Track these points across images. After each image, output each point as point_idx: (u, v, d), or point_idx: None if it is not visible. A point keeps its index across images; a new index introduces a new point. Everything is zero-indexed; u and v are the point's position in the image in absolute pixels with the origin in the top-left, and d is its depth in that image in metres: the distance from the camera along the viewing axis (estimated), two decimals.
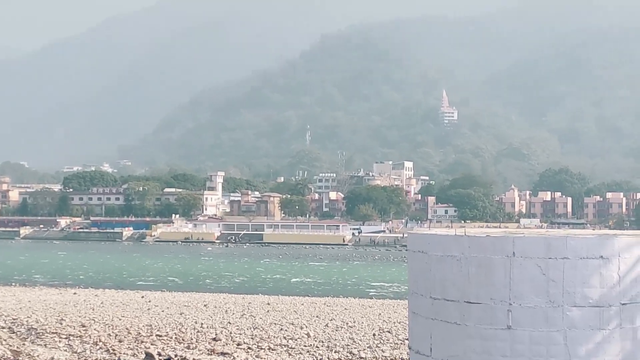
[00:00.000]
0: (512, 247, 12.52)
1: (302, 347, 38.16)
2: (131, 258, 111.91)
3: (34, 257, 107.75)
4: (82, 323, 43.37)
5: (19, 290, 62.95)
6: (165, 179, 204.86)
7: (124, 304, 53.68)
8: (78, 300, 55.86)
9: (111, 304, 54.10)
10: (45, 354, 34.06)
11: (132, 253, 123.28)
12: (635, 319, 12.06)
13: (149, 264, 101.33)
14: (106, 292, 62.50)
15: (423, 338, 13.68)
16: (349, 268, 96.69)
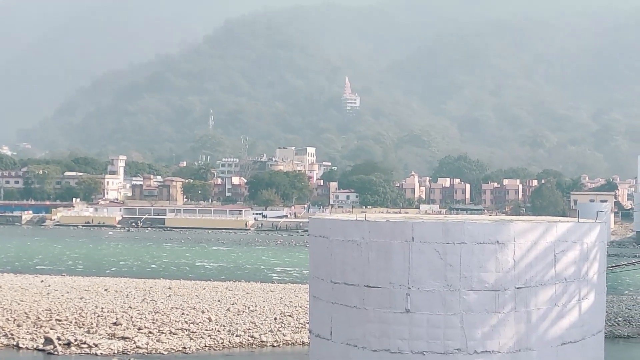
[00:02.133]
0: (411, 232, 12.93)
1: (204, 331, 40.06)
2: (30, 242, 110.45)
3: None
4: None
5: None
6: (66, 163, 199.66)
7: (23, 288, 53.65)
8: None
9: (10, 288, 53.91)
10: None
11: (31, 237, 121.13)
12: (530, 302, 12.76)
13: (49, 248, 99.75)
14: (4, 277, 61.86)
15: (323, 322, 13.98)
16: (251, 253, 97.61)
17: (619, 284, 61.44)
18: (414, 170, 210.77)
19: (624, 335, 40.50)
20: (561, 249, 13.26)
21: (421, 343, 12.79)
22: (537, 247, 13.16)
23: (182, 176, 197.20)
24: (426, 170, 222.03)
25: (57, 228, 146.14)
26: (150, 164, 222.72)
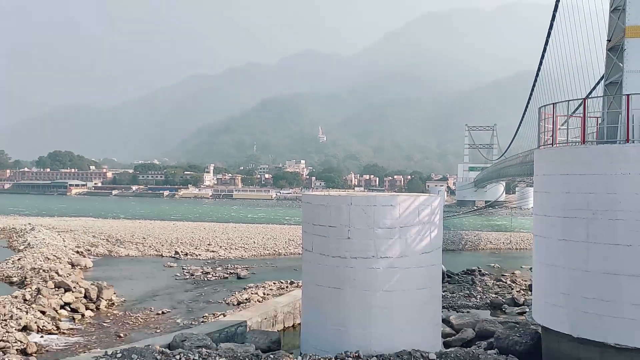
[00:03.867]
0: (350, 200, 17.35)
1: (252, 247, 52.02)
2: (168, 206, 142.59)
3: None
4: (143, 236, 58.19)
5: (109, 221, 79.08)
6: (185, 167, 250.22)
7: (163, 227, 68.91)
8: (139, 225, 72.40)
9: (158, 227, 69.14)
10: (124, 251, 48.45)
11: (169, 204, 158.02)
12: (407, 233, 17.11)
13: (176, 208, 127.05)
14: (155, 222, 78.64)
15: (309, 242, 17.83)
16: (274, 212, 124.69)
17: (451, 225, 72.66)
18: (352, 171, 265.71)
19: (450, 249, 49.92)
20: (421, 208, 17.60)
21: (355, 253, 17.04)
22: (410, 208, 17.46)
23: (240, 174, 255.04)
24: (358, 170, 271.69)
25: (181, 199, 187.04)
26: (225, 168, 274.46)
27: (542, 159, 18.15)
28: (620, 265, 15.00)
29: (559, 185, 16.73)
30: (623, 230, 15.08)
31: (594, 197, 15.63)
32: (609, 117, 17.93)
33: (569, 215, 16.14)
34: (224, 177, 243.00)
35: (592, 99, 20.71)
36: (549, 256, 16.83)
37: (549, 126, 18.22)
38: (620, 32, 18.43)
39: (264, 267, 41.19)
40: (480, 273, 38.20)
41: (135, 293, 30.78)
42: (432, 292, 17.68)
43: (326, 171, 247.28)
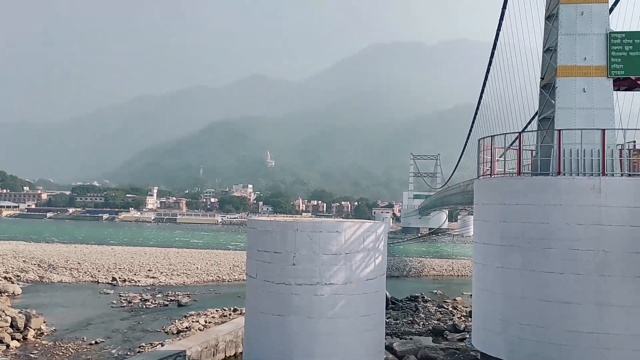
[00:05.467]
0: (296, 226, 17.19)
1: (194, 273, 50.89)
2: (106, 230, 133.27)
3: None
4: (78, 262, 55.42)
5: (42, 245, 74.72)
6: (127, 190, 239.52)
7: (101, 252, 65.76)
8: (74, 250, 68.38)
9: (94, 252, 66.02)
10: (57, 277, 45.70)
11: (107, 228, 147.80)
12: (352, 259, 17.04)
13: (115, 233, 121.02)
14: (92, 246, 75.28)
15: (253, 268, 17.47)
16: (219, 236, 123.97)
17: (395, 251, 73.96)
18: (300, 196, 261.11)
19: (394, 276, 50.33)
20: (366, 235, 17.72)
21: (300, 279, 16.91)
22: (355, 234, 17.53)
23: (186, 197, 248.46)
24: (306, 196, 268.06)
25: (121, 222, 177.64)
26: (169, 191, 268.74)
27: (481, 189, 18.85)
28: (553, 293, 15.66)
29: (496, 214, 17.40)
30: (555, 258, 15.80)
31: (529, 226, 16.34)
32: (542, 151, 18.91)
33: (506, 244, 16.77)
34: (168, 201, 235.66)
35: (527, 132, 21.83)
36: (487, 283, 17.35)
37: (487, 157, 19.01)
38: (552, 71, 19.62)
39: (207, 294, 40.24)
40: (424, 299, 38.82)
41: (67, 322, 29.23)
42: (376, 318, 17.74)
43: (274, 196, 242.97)
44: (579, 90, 18.66)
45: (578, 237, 15.66)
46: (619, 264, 15.37)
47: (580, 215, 15.74)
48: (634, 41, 18.68)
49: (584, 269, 15.52)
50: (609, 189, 15.76)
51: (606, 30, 18.85)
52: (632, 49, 18.65)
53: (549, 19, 20.68)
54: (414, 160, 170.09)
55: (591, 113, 18.48)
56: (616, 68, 18.60)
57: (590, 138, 17.51)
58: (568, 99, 18.69)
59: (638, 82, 19.49)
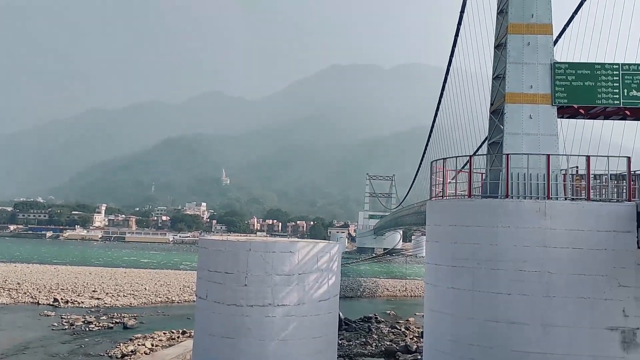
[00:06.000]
0: (249, 246, 17.08)
1: (142, 294, 49.48)
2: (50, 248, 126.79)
3: None
4: (18, 282, 53.70)
5: None
6: (73, 207, 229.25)
7: (43, 272, 63.68)
8: (14, 269, 65.92)
9: (36, 271, 64.07)
10: None
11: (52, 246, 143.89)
12: (305, 280, 17.08)
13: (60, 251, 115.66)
14: (33, 265, 73.39)
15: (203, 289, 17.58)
16: (170, 255, 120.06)
17: (350, 272, 74.01)
18: (255, 215, 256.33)
19: (348, 296, 50.07)
20: (320, 255, 17.81)
21: (251, 300, 16.77)
22: (309, 254, 17.61)
23: (136, 215, 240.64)
24: (261, 215, 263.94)
25: (66, 241, 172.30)
26: (119, 209, 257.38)
27: (433, 210, 19.26)
28: (501, 313, 16.06)
29: (447, 235, 17.79)
30: (503, 279, 16.25)
31: (478, 247, 16.77)
32: (491, 174, 19.55)
33: (457, 265, 17.13)
34: (116, 219, 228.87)
35: (477, 156, 22.54)
36: (438, 304, 17.62)
37: (439, 179, 19.49)
38: (501, 98, 20.43)
39: (155, 316, 39.15)
40: (377, 320, 38.98)
41: (3, 346, 27.74)
42: (328, 340, 17.72)
43: (228, 215, 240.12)
44: (525, 116, 19.47)
45: (524, 258, 16.18)
46: (563, 285, 15.95)
47: (527, 237, 16.29)
48: (576, 71, 19.72)
49: (530, 290, 16.01)
50: (553, 212, 16.41)
51: (551, 61, 19.83)
52: (575, 79, 19.68)
53: (498, 48, 21.59)
54: (370, 180, 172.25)
55: (537, 139, 19.29)
56: (560, 96, 19.55)
57: (536, 163, 18.25)
58: (515, 124, 19.46)
59: (580, 110, 20.53)
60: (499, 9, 21.58)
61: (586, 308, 15.75)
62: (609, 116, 21.31)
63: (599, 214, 16.25)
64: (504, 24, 20.70)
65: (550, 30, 20.02)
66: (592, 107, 20.08)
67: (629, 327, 15.66)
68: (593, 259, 15.91)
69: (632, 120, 21.78)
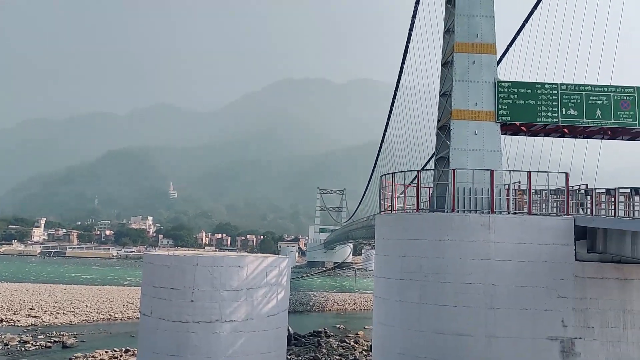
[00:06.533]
0: (196, 261, 16.71)
1: (82, 312, 47.53)
2: None
3: None
4: None
5: None
6: (10, 220, 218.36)
7: None
8: None
9: None
10: None
11: None
12: (253, 295, 16.90)
13: None
14: None
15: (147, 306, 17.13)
16: (114, 271, 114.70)
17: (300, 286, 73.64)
18: (204, 229, 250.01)
19: (298, 311, 49.74)
20: (269, 269, 17.69)
21: (198, 317, 16.40)
22: (258, 269, 17.46)
23: (78, 229, 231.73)
24: (210, 229, 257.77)
25: (1, 257, 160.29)
26: (59, 222, 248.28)
27: (381, 224, 19.51)
28: (447, 325, 16.39)
29: (396, 248, 18.04)
30: (450, 292, 16.61)
31: (425, 260, 17.10)
32: (438, 189, 20.04)
33: (405, 278, 17.39)
34: (57, 233, 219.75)
35: (425, 171, 23.08)
36: (387, 317, 17.79)
37: (388, 194, 19.79)
38: (447, 114, 21.06)
39: (96, 334, 37.69)
40: (326, 334, 38.93)
41: None
42: (277, 355, 17.51)
43: (175, 229, 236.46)
44: (471, 132, 20.13)
45: (470, 271, 16.61)
46: (506, 297, 16.46)
47: (472, 251, 16.74)
48: (518, 90, 20.60)
49: (475, 302, 16.43)
50: (497, 225, 16.97)
51: (494, 79, 20.65)
52: (517, 97, 20.55)
53: (444, 66, 22.30)
54: (321, 194, 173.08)
55: (482, 154, 19.96)
56: (503, 114, 20.34)
57: (481, 178, 18.86)
58: (461, 140, 20.08)
59: (522, 127, 21.43)
60: (446, 28, 22.33)
61: (528, 319, 16.30)
62: (549, 133, 22.35)
63: (540, 227, 16.93)
64: (451, 42, 21.42)
65: (494, 50, 20.86)
66: (533, 125, 21.00)
67: (567, 337, 16.30)
68: (534, 271, 16.52)
69: (570, 138, 22.94)
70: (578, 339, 16.26)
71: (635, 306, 16.56)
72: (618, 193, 16.52)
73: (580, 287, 16.49)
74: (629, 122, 20.49)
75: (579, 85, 20.81)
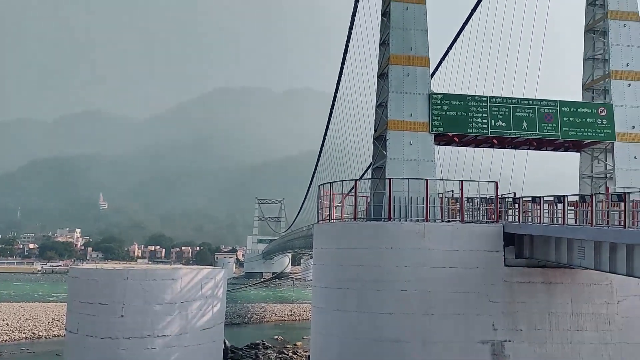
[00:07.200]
0: (127, 274, 16.13)
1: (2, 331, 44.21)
2: None
3: None
4: None
5: None
6: None
7: None
8: None
9: None
10: None
11: None
12: (188, 308, 16.42)
13: None
14: None
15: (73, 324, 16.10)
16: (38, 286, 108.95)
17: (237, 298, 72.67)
18: (136, 241, 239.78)
19: (235, 323, 49.04)
20: (204, 282, 17.34)
21: (128, 332, 15.86)
22: (192, 281, 17.08)
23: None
24: (143, 241, 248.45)
25: None
26: None
27: (320, 233, 19.59)
28: (385, 332, 16.63)
29: (334, 257, 18.16)
30: (387, 299, 16.89)
31: (363, 269, 17.30)
32: (375, 198, 20.39)
33: (343, 287, 17.51)
34: None
35: (363, 180, 23.44)
36: (325, 326, 17.83)
37: (326, 203, 19.92)
38: (383, 125, 21.52)
39: (18, 354, 35.56)
40: (264, 346, 38.54)
41: None
42: None
43: (105, 241, 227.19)
44: (406, 143, 20.67)
45: (406, 278, 16.97)
46: (441, 302, 16.93)
47: (408, 258, 17.12)
48: (450, 102, 21.39)
49: (411, 309, 16.78)
50: (431, 233, 17.46)
51: (428, 91, 21.34)
52: (449, 109, 21.33)
53: (380, 77, 22.81)
54: (259, 204, 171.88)
55: (416, 164, 20.53)
56: (436, 125, 21.04)
57: (416, 187, 19.36)
58: (397, 150, 20.56)
59: (455, 138, 22.24)
60: (382, 40, 22.88)
61: (461, 324, 16.83)
62: (480, 144, 23.32)
63: (471, 234, 17.58)
64: (386, 54, 21.96)
65: (427, 63, 21.58)
66: (465, 136, 21.84)
67: (497, 340, 16.96)
68: (466, 277, 17.10)
69: (499, 148, 24.04)
70: (507, 342, 16.95)
71: (559, 308, 17.48)
72: (543, 201, 17.42)
73: (509, 291, 17.23)
74: (552, 133, 21.74)
75: (506, 98, 21.87)
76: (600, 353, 17.42)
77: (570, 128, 21.76)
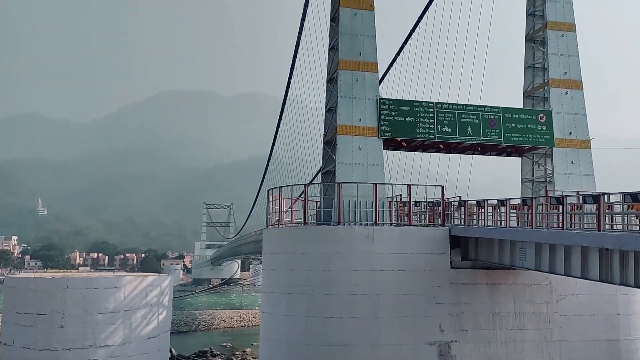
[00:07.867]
0: (67, 283, 15.47)
1: None
2: None
3: None
4: None
5: None
6: None
7: None
8: None
9: None
10: None
11: None
12: (132, 317, 15.93)
13: None
14: None
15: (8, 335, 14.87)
16: None
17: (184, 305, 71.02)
18: (78, 248, 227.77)
19: (183, 331, 47.87)
20: (150, 289, 16.85)
21: (68, 343, 15.18)
22: (137, 289, 16.56)
23: None
24: (85, 248, 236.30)
25: None
26: None
27: (269, 238, 19.48)
28: (334, 337, 16.71)
29: (283, 262, 18.10)
30: (336, 304, 16.97)
31: (312, 273, 17.33)
32: (325, 202, 20.49)
33: (292, 292, 17.47)
34: None
35: (313, 184, 23.50)
36: (273, 332, 17.73)
37: (275, 207, 19.84)
38: (333, 129, 21.69)
39: None
40: (212, 354, 37.93)
41: None
42: None
43: (45, 248, 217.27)
44: (355, 147, 20.90)
45: (355, 282, 17.12)
46: (389, 305, 17.18)
47: (357, 262, 17.29)
48: (398, 108, 21.81)
49: (360, 312, 16.94)
50: (380, 237, 17.70)
51: (377, 96, 21.67)
52: (397, 114, 21.74)
53: (330, 82, 23.00)
54: (207, 209, 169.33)
55: (366, 169, 20.79)
56: (385, 130, 21.39)
57: (365, 191, 19.60)
58: (346, 155, 20.77)
59: (403, 143, 22.68)
60: (331, 45, 23.08)
61: (409, 326, 17.13)
62: (427, 149, 23.88)
63: (419, 237, 17.95)
64: (335, 59, 22.17)
65: (375, 69, 21.92)
66: (412, 141, 22.31)
67: (444, 341, 17.37)
68: (414, 280, 17.44)
69: (445, 153, 24.70)
70: (454, 342, 17.39)
71: (502, 308, 18.10)
72: (487, 204, 18.02)
73: (455, 293, 17.69)
74: (495, 139, 22.53)
75: (452, 104, 22.51)
76: (542, 350, 18.14)
77: (512, 134, 22.62)
